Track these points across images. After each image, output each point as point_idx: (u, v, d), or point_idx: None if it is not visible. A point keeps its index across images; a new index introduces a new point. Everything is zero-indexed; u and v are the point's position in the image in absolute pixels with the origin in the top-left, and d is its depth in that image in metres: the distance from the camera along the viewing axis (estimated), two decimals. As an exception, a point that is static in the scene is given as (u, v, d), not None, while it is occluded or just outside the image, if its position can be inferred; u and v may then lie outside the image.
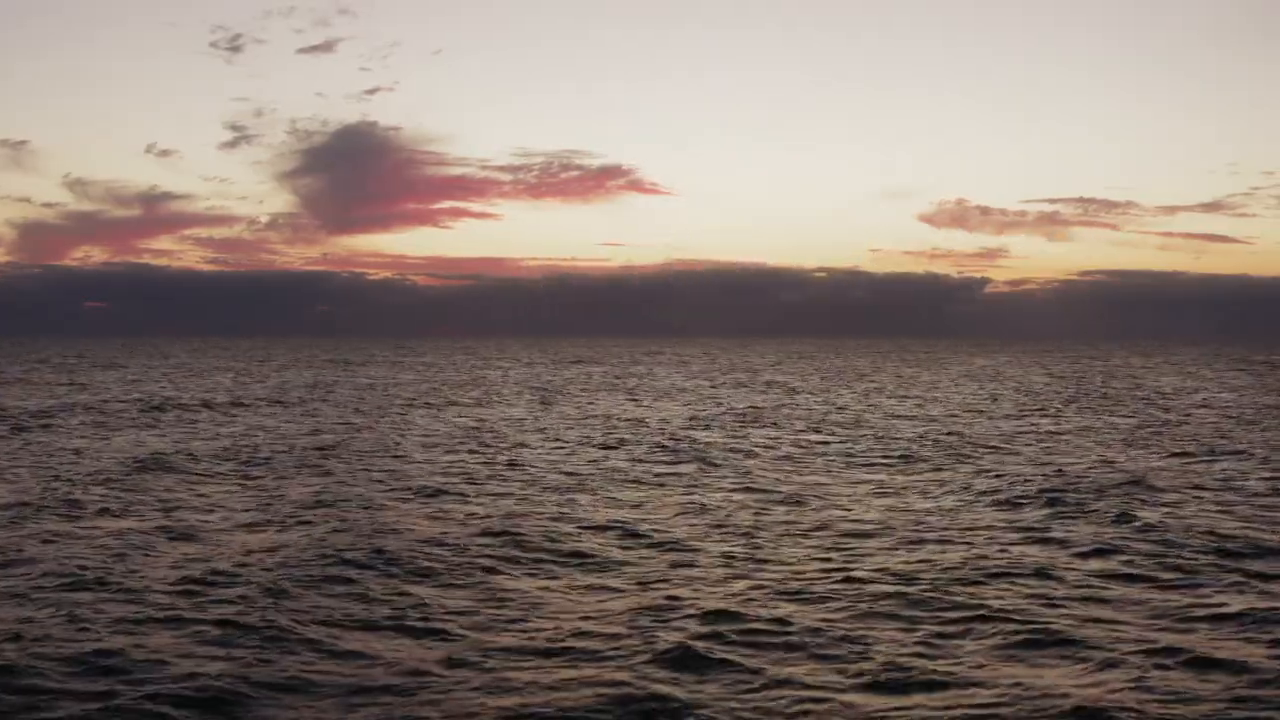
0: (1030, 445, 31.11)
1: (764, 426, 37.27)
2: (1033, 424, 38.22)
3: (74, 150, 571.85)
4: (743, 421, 39.13)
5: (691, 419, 40.26)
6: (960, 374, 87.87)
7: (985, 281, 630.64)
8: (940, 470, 25.52)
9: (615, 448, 30.37)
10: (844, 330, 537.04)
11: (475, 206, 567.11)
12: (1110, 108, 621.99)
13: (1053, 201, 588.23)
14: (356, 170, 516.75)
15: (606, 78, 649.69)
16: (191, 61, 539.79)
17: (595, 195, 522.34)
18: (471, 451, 29.29)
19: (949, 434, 34.02)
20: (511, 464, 26.45)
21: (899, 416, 41.53)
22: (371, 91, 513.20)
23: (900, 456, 28.04)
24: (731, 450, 29.51)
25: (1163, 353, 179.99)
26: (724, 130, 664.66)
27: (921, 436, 33.38)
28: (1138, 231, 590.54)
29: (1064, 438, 33.25)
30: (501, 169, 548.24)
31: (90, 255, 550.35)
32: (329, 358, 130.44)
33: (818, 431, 35.36)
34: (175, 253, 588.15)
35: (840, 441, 32.12)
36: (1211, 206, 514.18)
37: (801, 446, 30.77)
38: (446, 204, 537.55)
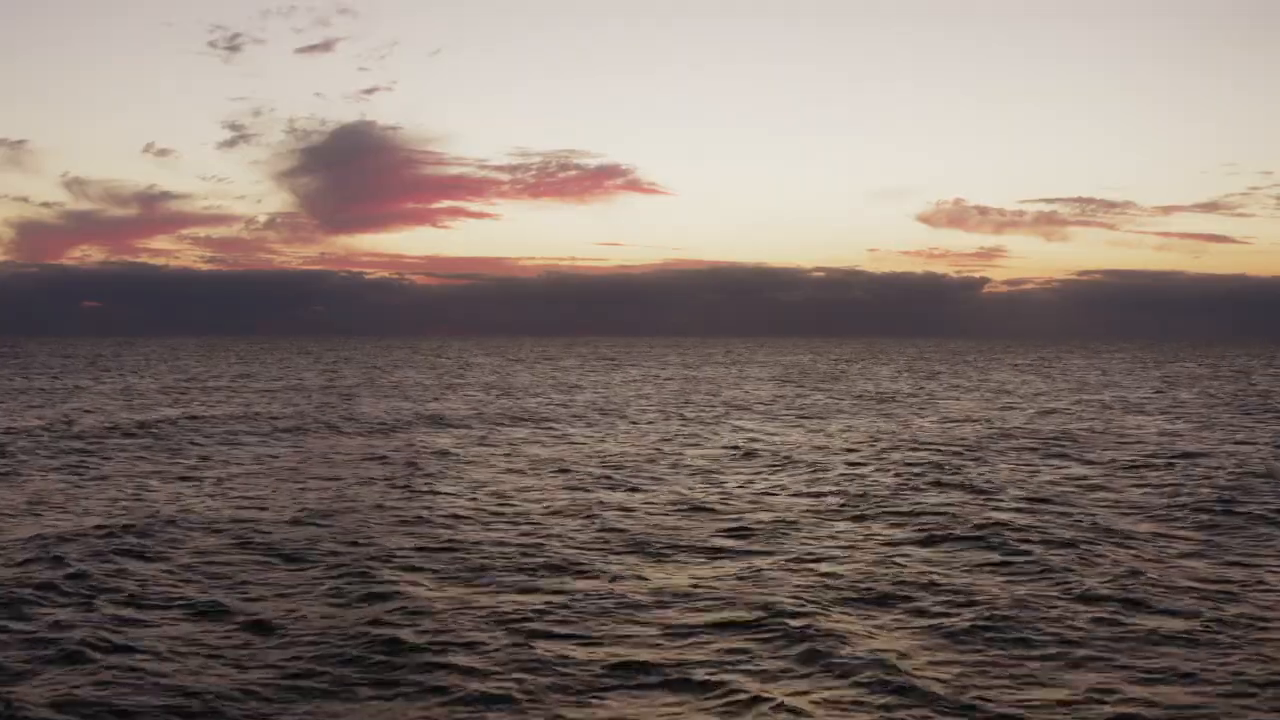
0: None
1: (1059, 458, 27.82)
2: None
3: (72, 149, 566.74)
4: (1034, 453, 28.80)
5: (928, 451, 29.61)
6: (1045, 375, 79.28)
7: (984, 281, 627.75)
8: None
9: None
10: (843, 330, 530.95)
11: (473, 206, 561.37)
12: (1107, 107, 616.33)
13: (1050, 201, 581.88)
14: (354, 170, 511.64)
15: (605, 78, 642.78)
16: (190, 61, 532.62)
17: (593, 195, 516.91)
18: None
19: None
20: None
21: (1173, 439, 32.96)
22: (370, 91, 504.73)
23: None
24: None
25: (1199, 352, 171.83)
26: (722, 130, 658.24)
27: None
28: (1135, 231, 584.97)
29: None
30: (500, 169, 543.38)
31: (88, 255, 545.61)
32: (335, 358, 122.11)
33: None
34: (173, 252, 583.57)
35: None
36: (1209, 206, 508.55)
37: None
38: (444, 203, 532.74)
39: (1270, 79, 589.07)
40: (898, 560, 15.31)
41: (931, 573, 14.51)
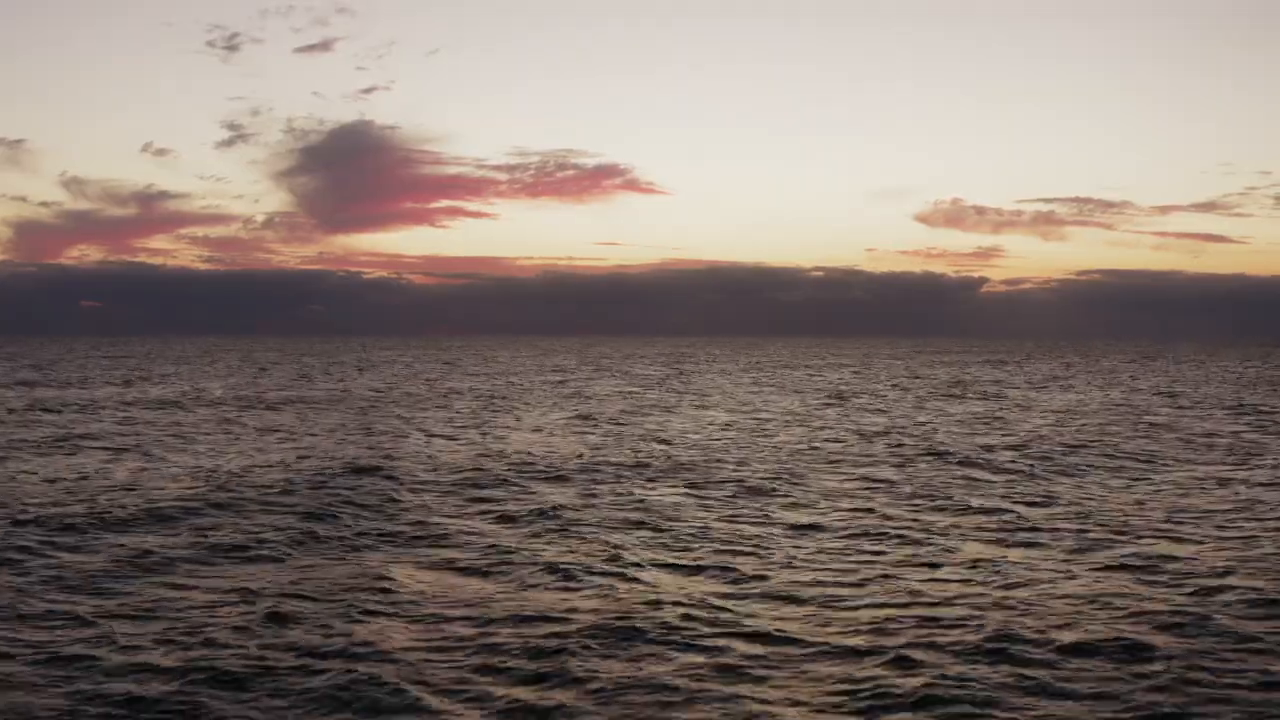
0: None
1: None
2: None
3: (70, 149, 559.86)
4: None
5: None
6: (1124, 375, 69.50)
7: (982, 281, 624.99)
8: None
9: None
10: (843, 330, 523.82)
11: (471, 205, 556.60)
12: (1106, 107, 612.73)
13: (1048, 201, 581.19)
14: (353, 169, 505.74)
15: (604, 78, 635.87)
16: (188, 61, 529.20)
17: (591, 194, 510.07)
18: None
19: None
20: None
21: None
22: (368, 91, 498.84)
23: None
24: None
25: (1229, 352, 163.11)
26: (722, 130, 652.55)
27: None
28: (1133, 231, 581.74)
29: None
30: (498, 168, 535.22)
31: (86, 254, 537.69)
32: (340, 360, 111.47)
33: None
34: (171, 252, 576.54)
35: None
36: (1206, 206, 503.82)
37: None
38: (443, 203, 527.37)
39: (1269, 79, 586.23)
40: None
41: None
